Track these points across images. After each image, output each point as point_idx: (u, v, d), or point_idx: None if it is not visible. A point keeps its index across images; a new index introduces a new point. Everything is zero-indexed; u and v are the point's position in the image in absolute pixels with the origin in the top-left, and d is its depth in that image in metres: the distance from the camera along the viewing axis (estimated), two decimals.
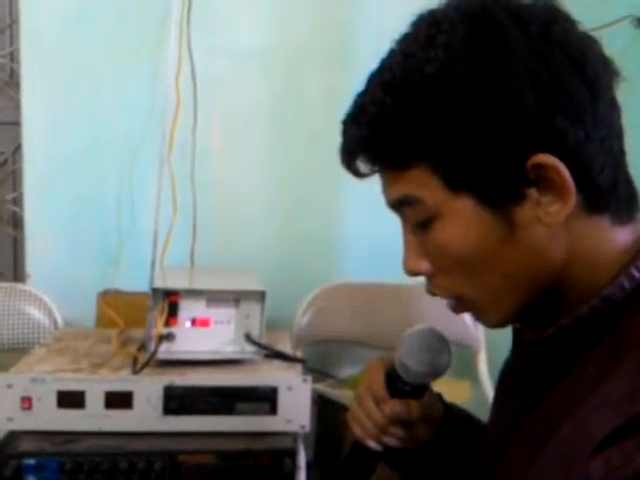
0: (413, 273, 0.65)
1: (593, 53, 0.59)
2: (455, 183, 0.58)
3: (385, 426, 0.74)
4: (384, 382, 0.74)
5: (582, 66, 0.57)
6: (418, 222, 0.62)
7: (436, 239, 0.61)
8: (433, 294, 0.65)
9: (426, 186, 0.59)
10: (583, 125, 0.56)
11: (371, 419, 0.74)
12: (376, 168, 0.63)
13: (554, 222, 0.57)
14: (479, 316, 0.65)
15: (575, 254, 0.59)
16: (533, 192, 0.57)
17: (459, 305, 0.64)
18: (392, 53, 0.62)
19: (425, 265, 0.63)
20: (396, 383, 0.74)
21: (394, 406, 0.73)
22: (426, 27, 0.59)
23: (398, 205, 0.63)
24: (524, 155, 0.56)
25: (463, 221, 0.59)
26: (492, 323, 0.64)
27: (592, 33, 0.60)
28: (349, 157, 0.64)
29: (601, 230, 0.59)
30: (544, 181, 0.56)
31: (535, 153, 0.56)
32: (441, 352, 0.72)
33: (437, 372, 0.73)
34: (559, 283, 0.60)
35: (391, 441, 0.74)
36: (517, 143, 0.56)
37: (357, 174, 0.64)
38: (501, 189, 0.57)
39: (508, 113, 0.56)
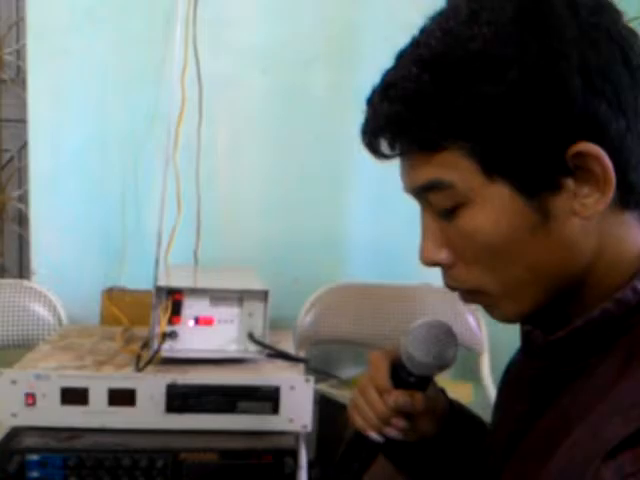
0: (431, 263, 0.62)
1: (637, 44, 0.57)
2: (492, 168, 0.56)
3: (388, 417, 0.72)
4: (388, 373, 0.73)
5: (627, 56, 0.55)
6: (444, 209, 0.59)
7: (463, 227, 0.58)
8: (451, 288, 0.62)
9: (459, 170, 0.57)
10: (625, 116, 0.55)
11: (374, 409, 0.73)
12: (399, 150, 0.60)
13: (589, 215, 0.55)
14: (493, 309, 0.62)
15: (602, 252, 0.57)
16: (570, 182, 0.55)
17: (473, 297, 0.62)
18: (427, 30, 0.59)
19: (445, 255, 0.61)
20: (400, 374, 0.73)
21: (398, 396, 0.71)
22: (467, 3, 0.57)
23: (423, 190, 0.60)
24: (566, 142, 0.54)
25: (495, 208, 0.56)
26: (507, 316, 0.62)
27: None
28: (373, 136, 0.60)
29: (629, 228, 0.58)
30: (583, 171, 0.55)
31: (577, 141, 0.54)
32: (448, 345, 0.71)
33: (443, 364, 0.72)
34: (582, 282, 0.58)
35: (392, 432, 0.73)
36: (561, 129, 0.54)
37: (378, 154, 0.61)
38: (539, 177, 0.55)
39: (555, 96, 0.53)
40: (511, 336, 0.73)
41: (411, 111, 0.57)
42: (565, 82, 0.54)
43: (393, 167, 0.66)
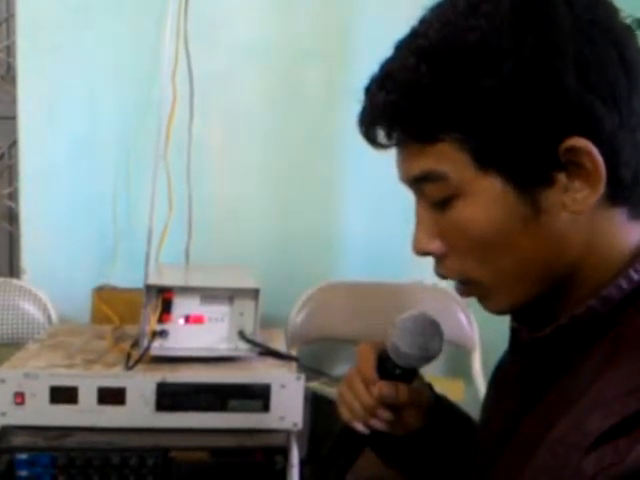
0: (423, 253, 0.62)
1: (632, 41, 0.57)
2: (485, 161, 0.56)
3: (373, 408, 0.73)
4: (374, 365, 0.74)
5: (622, 52, 0.56)
6: (438, 200, 0.59)
7: (456, 218, 0.59)
8: (442, 276, 0.63)
9: (453, 162, 0.57)
10: (619, 112, 0.55)
11: (359, 400, 0.73)
12: (396, 140, 0.60)
13: (580, 209, 0.56)
14: (486, 300, 0.63)
15: (592, 248, 0.58)
16: (562, 177, 0.55)
17: (467, 289, 0.63)
18: (425, 21, 0.59)
19: (437, 245, 0.61)
20: (386, 366, 0.73)
21: (382, 387, 0.72)
22: None
23: (418, 181, 0.60)
24: (559, 137, 0.54)
25: (487, 201, 0.57)
26: (498, 308, 0.62)
27: None
28: (370, 125, 0.60)
29: (618, 224, 0.58)
30: (574, 166, 0.55)
31: (570, 136, 0.54)
32: (433, 337, 0.72)
33: (428, 356, 0.72)
34: (571, 278, 0.59)
35: (378, 424, 0.73)
36: (554, 123, 0.54)
37: (375, 144, 0.61)
38: (531, 171, 0.56)
39: (549, 90, 0.54)
40: (502, 333, 0.73)
41: (408, 101, 0.57)
42: (560, 76, 0.54)
43: (386, 166, 0.66)
